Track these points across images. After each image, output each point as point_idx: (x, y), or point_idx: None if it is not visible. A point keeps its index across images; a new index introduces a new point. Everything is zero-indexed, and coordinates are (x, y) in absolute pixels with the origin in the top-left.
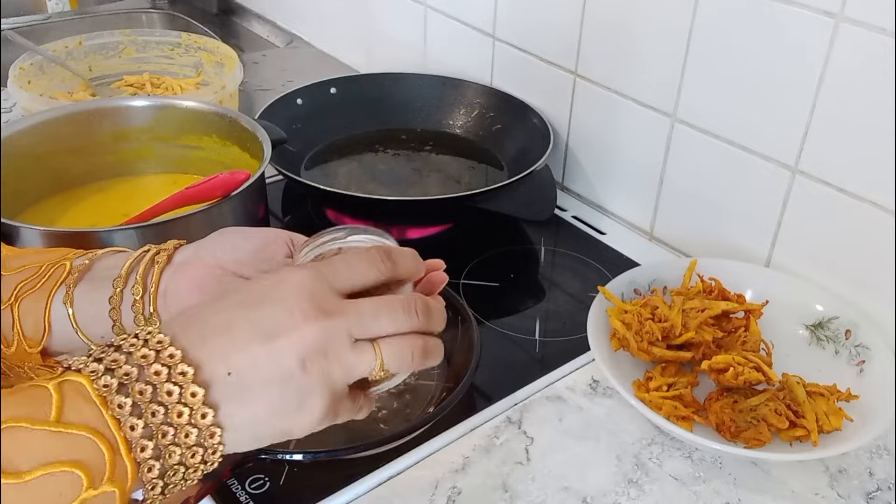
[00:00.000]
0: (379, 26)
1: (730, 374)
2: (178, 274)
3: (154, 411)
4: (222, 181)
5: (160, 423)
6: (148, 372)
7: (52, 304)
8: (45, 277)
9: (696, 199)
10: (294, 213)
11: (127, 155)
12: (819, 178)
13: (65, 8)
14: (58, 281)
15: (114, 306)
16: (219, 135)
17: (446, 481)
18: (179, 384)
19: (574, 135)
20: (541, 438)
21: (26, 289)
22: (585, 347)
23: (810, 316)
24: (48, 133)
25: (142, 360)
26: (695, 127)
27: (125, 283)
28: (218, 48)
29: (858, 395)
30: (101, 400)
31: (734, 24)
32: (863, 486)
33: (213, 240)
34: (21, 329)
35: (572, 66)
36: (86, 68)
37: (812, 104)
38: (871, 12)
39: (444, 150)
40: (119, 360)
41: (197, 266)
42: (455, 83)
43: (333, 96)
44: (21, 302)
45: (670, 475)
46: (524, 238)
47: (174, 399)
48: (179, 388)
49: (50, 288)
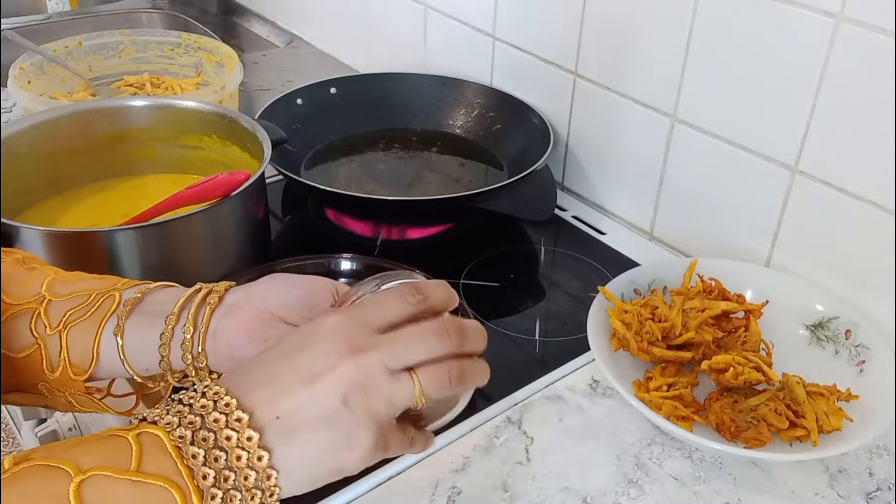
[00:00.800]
0: (379, 26)
1: (730, 374)
2: (228, 316)
3: (216, 456)
4: (222, 181)
5: (222, 468)
6: (208, 420)
7: (101, 334)
8: (96, 307)
9: (696, 199)
10: (294, 213)
11: (127, 155)
12: (819, 178)
13: (65, 8)
14: (108, 311)
15: (164, 342)
16: (219, 135)
17: (446, 481)
18: (236, 430)
19: (574, 135)
20: (541, 438)
21: (76, 317)
22: (585, 347)
23: (810, 316)
24: (48, 133)
25: (202, 410)
26: (695, 127)
27: (177, 320)
28: (218, 48)
29: (858, 395)
30: (177, 451)
31: (734, 24)
32: (863, 486)
33: (263, 285)
34: (68, 356)
35: (572, 66)
36: (86, 68)
37: (812, 104)
38: (871, 12)
39: (444, 150)
40: (183, 411)
41: (247, 310)
42: (455, 83)
43: (333, 96)
44: (70, 329)
45: (670, 475)
46: (524, 238)
47: (233, 444)
48: (237, 434)
49: (100, 318)
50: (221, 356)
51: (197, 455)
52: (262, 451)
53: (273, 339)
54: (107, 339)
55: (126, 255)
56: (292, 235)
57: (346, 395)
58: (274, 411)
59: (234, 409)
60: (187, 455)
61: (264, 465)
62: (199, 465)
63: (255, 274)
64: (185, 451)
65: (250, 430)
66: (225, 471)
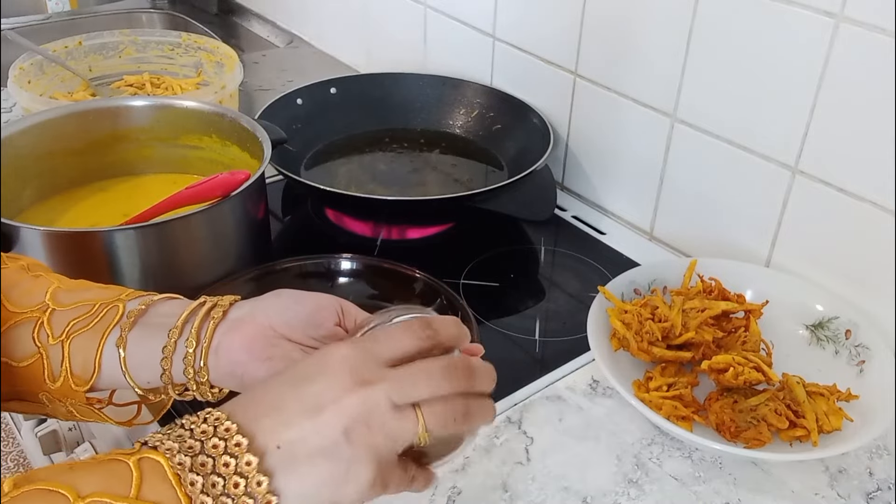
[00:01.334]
0: (379, 26)
1: (730, 374)
2: (231, 331)
3: (214, 482)
4: (222, 181)
5: (219, 495)
6: (207, 446)
7: (104, 345)
8: (99, 318)
9: (696, 199)
10: (294, 213)
11: (127, 155)
12: (819, 178)
13: (65, 8)
14: (111, 323)
15: (166, 356)
16: (219, 135)
17: (446, 481)
18: (234, 455)
19: (574, 135)
20: (541, 438)
21: (79, 327)
22: (585, 347)
23: (810, 316)
24: (48, 133)
25: (202, 436)
26: (695, 127)
27: (180, 334)
28: (218, 48)
29: (858, 395)
30: (177, 479)
31: (734, 24)
32: (863, 486)
33: (267, 301)
34: (70, 367)
35: (572, 66)
36: (86, 68)
37: (812, 104)
38: (871, 12)
39: (444, 150)
40: (184, 435)
41: (250, 325)
42: (455, 83)
43: (333, 96)
44: (72, 340)
45: (670, 475)
46: (524, 238)
47: (230, 470)
48: (235, 460)
49: (103, 329)
50: (223, 371)
51: (195, 482)
52: (262, 476)
53: (276, 357)
54: (109, 351)
55: (126, 255)
56: (292, 235)
57: (348, 428)
58: (275, 440)
59: (233, 433)
60: (185, 482)
61: (263, 491)
62: (196, 492)
63: (255, 274)
64: (183, 478)
65: (249, 454)
66: (223, 497)
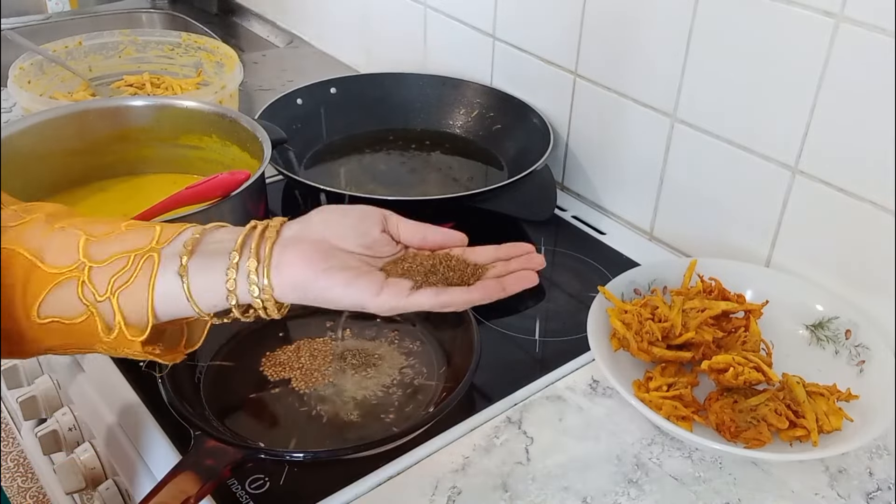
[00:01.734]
0: (379, 26)
1: (730, 374)
2: (288, 248)
3: None
4: (222, 181)
5: None
6: None
7: (153, 295)
8: (137, 270)
9: (696, 199)
10: (294, 213)
11: (127, 155)
12: (819, 178)
13: (65, 8)
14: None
15: (230, 277)
16: (219, 135)
17: (446, 481)
18: None
19: (574, 135)
20: (541, 438)
21: (121, 283)
22: (585, 347)
23: (810, 316)
24: (48, 133)
25: None
26: (695, 127)
27: (240, 256)
28: (218, 48)
29: (858, 395)
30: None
31: (734, 23)
32: (863, 486)
33: (315, 217)
34: (124, 319)
35: (572, 66)
36: (86, 68)
37: (812, 104)
38: (871, 12)
39: (444, 150)
40: None
41: (305, 241)
42: (455, 83)
43: (333, 96)
44: (119, 296)
45: (670, 475)
46: (524, 238)
47: None
48: None
49: (147, 281)
50: (287, 287)
51: None
52: None
53: (334, 266)
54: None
55: None
56: None
57: None
58: None
59: None
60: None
61: None
62: None
63: None
64: None
65: None
66: None
